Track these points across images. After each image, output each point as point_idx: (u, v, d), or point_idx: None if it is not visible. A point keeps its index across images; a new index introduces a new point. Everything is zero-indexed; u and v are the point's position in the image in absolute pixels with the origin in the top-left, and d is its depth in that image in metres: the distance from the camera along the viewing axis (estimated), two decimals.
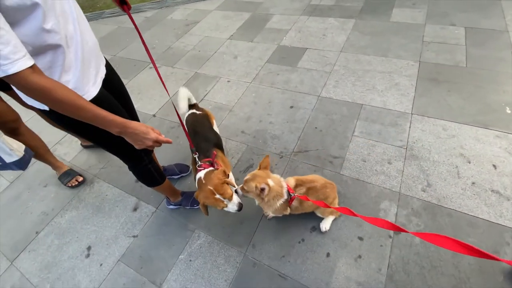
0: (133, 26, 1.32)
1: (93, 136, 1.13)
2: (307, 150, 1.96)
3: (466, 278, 1.31)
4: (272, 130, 2.15)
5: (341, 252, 1.46)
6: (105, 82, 1.11)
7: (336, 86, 2.39)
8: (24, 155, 1.38)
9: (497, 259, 0.71)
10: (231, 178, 1.56)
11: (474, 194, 1.57)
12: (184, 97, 1.67)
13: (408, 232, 0.87)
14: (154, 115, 2.50)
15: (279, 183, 1.29)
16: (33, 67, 0.73)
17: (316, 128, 2.09)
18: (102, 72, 1.09)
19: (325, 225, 1.52)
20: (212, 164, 1.38)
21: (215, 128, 1.75)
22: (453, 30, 2.70)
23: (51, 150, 2.36)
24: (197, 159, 1.37)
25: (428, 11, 3.02)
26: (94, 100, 1.00)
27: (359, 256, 1.43)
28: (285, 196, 1.28)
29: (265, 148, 2.03)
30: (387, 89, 2.26)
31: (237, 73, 2.75)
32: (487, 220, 1.47)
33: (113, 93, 1.17)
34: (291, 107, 2.30)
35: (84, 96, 0.95)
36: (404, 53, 2.56)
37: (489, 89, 2.12)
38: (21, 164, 1.37)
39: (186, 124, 1.67)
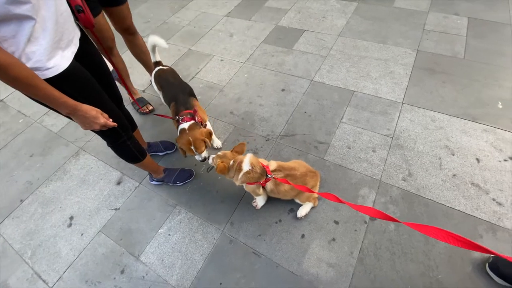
0: None
1: None
2: (293, 134, 1.94)
3: (434, 266, 1.34)
4: (261, 112, 2.13)
5: (316, 234, 1.48)
6: (80, 55, 1.08)
7: (330, 71, 2.34)
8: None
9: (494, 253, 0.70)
10: (209, 126, 1.75)
11: (454, 186, 1.58)
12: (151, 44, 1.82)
13: (400, 222, 0.85)
14: (143, 91, 2.46)
15: (239, 160, 1.37)
16: None
17: (305, 112, 2.07)
18: (75, 46, 1.05)
19: (302, 212, 1.52)
20: (193, 117, 1.54)
21: None
22: (456, 20, 2.61)
23: (37, 121, 2.36)
24: (179, 119, 1.55)
25: None
26: (63, 74, 0.97)
27: (333, 239, 1.46)
28: (244, 170, 1.34)
29: (252, 130, 2.02)
30: (381, 77, 2.21)
31: (231, 52, 2.68)
32: (463, 212, 1.49)
33: (89, 67, 1.13)
34: (283, 90, 2.26)
35: (51, 70, 0.93)
36: (403, 41, 2.48)
37: (484, 83, 2.08)
38: None
39: (157, 79, 1.78)
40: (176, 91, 1.66)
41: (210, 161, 1.48)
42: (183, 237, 1.56)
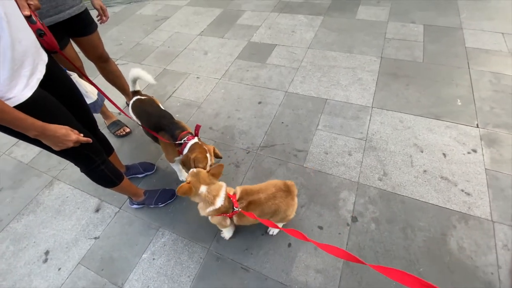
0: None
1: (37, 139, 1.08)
2: (273, 145, 1.99)
3: (415, 260, 1.40)
4: (240, 125, 2.16)
5: (302, 242, 1.50)
6: (47, 81, 1.06)
7: (302, 82, 2.44)
8: (97, 98, 1.46)
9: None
10: None
11: (425, 181, 1.67)
12: (133, 78, 1.74)
13: (365, 264, 0.80)
14: (119, 113, 2.43)
15: (214, 191, 1.23)
16: None
17: (282, 123, 2.13)
18: (40, 73, 1.03)
19: (275, 230, 1.52)
20: (196, 134, 1.52)
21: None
22: (413, 28, 2.84)
23: (6, 153, 2.25)
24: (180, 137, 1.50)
25: (391, 9, 3.15)
26: (27, 103, 0.95)
27: None
28: (216, 206, 1.22)
29: (233, 144, 2.04)
30: (350, 84, 2.34)
31: (207, 70, 2.73)
32: (436, 205, 1.57)
33: (58, 93, 1.12)
34: (259, 102, 2.32)
35: (13, 99, 0.92)
36: (367, 49, 2.66)
37: (443, 83, 2.26)
38: (95, 107, 1.49)
39: (135, 109, 1.70)
40: (157, 119, 1.59)
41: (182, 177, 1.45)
42: (168, 259, 1.52)
